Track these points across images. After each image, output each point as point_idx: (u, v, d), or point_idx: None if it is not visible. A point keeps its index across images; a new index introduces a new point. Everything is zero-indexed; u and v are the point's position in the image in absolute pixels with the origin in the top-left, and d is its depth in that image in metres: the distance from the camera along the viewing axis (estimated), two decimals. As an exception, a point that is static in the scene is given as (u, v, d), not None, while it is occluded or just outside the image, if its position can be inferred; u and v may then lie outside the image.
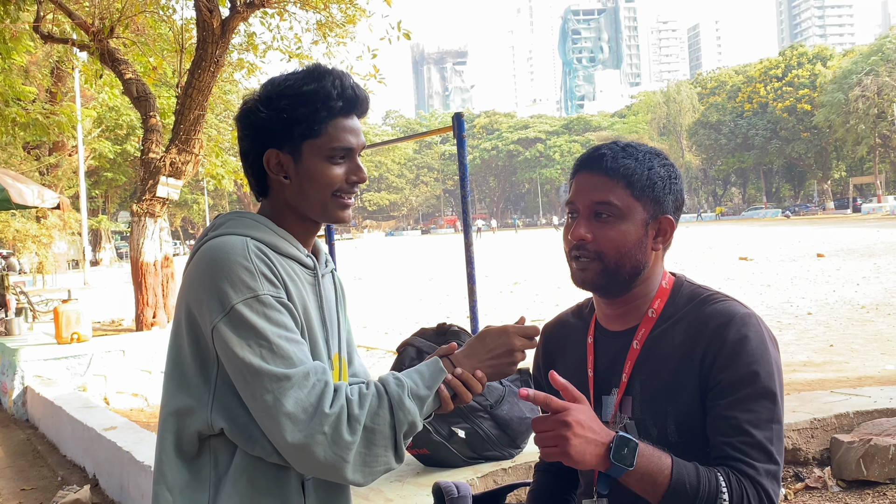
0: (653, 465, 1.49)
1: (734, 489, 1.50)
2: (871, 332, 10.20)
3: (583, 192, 1.67)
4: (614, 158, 1.66)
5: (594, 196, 1.65)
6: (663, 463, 1.50)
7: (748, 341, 1.58)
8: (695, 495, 1.48)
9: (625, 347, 1.71)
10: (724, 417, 1.56)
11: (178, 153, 10.58)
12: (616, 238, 1.64)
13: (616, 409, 1.70)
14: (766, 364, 1.58)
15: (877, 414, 4.43)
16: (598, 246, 1.65)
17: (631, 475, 1.48)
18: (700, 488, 1.49)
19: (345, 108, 1.60)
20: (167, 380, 1.57)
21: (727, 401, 1.56)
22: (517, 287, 20.31)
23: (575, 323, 1.90)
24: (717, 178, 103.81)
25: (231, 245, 1.50)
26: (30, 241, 24.97)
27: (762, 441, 1.54)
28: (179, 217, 73.43)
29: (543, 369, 1.95)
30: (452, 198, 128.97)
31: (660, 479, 1.49)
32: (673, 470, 1.50)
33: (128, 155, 41.18)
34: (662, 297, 1.73)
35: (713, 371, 1.59)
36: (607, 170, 1.65)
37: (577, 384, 1.78)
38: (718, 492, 1.49)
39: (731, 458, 1.53)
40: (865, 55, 74.18)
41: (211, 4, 9.85)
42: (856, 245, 28.85)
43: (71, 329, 9.02)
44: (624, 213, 1.64)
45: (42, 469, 6.59)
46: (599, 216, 1.65)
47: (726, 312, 1.63)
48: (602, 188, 1.65)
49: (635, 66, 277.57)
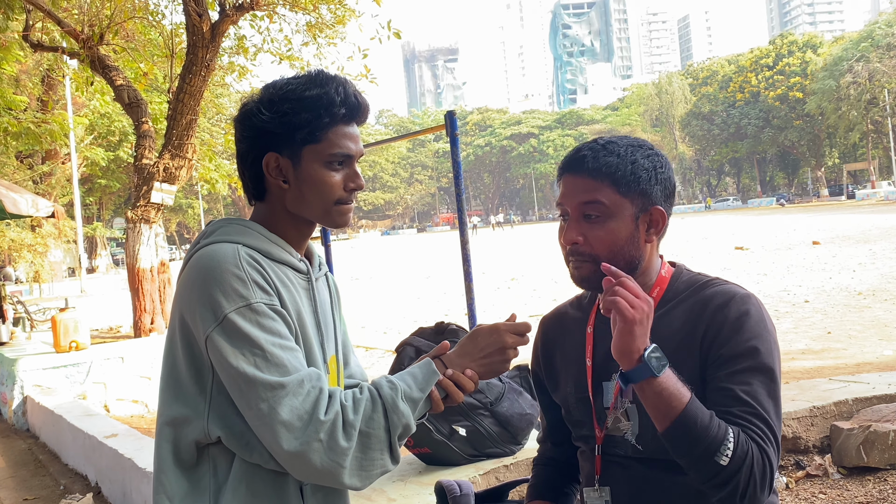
0: (673, 387, 1.51)
1: (740, 444, 1.51)
2: (868, 319, 10.23)
3: (570, 195, 1.69)
4: (595, 158, 1.67)
5: (581, 197, 1.67)
6: (683, 392, 1.52)
7: (748, 318, 1.62)
8: (702, 434, 1.50)
9: None
10: (724, 389, 1.58)
11: (172, 158, 10.56)
12: (606, 237, 1.66)
13: (616, 395, 1.71)
14: (766, 341, 1.61)
15: (876, 400, 4.44)
16: (590, 247, 1.66)
17: (650, 385, 1.50)
18: (709, 430, 1.50)
19: (347, 115, 1.60)
20: (163, 389, 1.57)
21: (726, 372, 1.58)
22: (514, 283, 20.33)
23: (574, 314, 1.91)
24: (711, 168, 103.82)
25: (222, 253, 1.50)
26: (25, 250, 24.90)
27: (763, 413, 1.56)
28: (174, 222, 73.33)
29: (542, 361, 1.96)
30: (447, 195, 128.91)
31: (674, 402, 1.50)
32: (690, 401, 1.51)
33: (121, 161, 41.13)
34: (662, 285, 1.75)
35: (714, 347, 1.61)
36: (590, 170, 1.66)
37: (576, 374, 1.80)
38: (725, 440, 1.50)
39: (733, 424, 1.54)
40: (855, 41, 74.17)
41: (200, 9, 9.84)
42: (851, 231, 28.90)
43: (69, 337, 9.01)
44: (612, 210, 1.66)
45: (44, 478, 6.58)
46: (588, 217, 1.66)
47: (726, 293, 1.66)
48: (587, 189, 1.66)
49: (626, 59, 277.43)
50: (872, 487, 3.89)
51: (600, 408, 1.74)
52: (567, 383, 1.84)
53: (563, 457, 2.00)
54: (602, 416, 1.74)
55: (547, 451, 2.06)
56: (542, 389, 1.99)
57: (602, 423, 1.74)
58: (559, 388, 1.88)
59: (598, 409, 1.75)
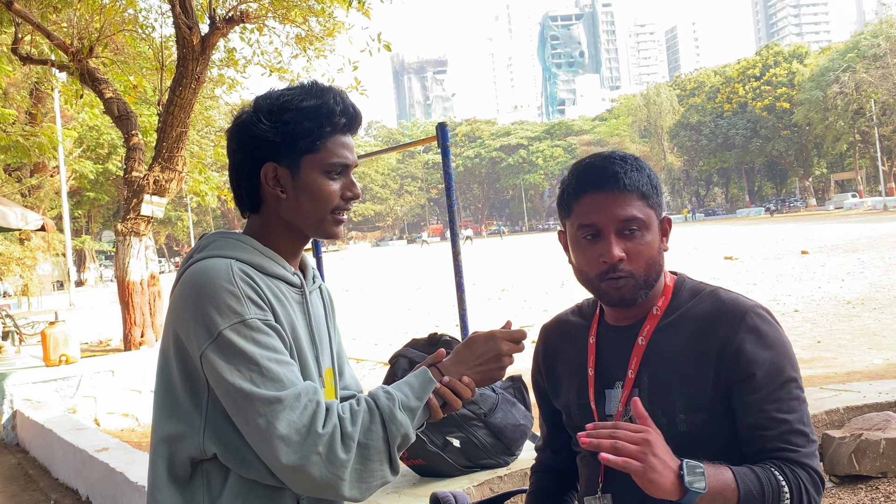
0: (720, 482, 1.48)
1: (791, 480, 1.52)
2: (857, 327, 10.27)
3: (603, 211, 1.64)
4: (626, 174, 1.65)
5: (618, 214, 1.64)
6: (727, 477, 1.49)
7: (766, 335, 1.62)
8: (762, 499, 1.49)
9: (629, 343, 1.72)
10: (757, 412, 1.58)
11: (162, 171, 10.55)
12: (646, 251, 1.66)
13: (623, 405, 1.70)
14: (786, 352, 1.63)
15: (866, 408, 4.46)
16: (630, 263, 1.65)
17: (703, 499, 1.46)
18: (765, 490, 1.50)
19: (346, 125, 1.61)
20: (157, 406, 1.56)
21: (757, 396, 1.59)
22: (505, 293, 20.33)
23: (576, 321, 1.91)
24: (700, 178, 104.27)
25: (216, 269, 1.49)
26: (14, 263, 24.76)
27: (798, 426, 1.57)
28: (164, 235, 73.00)
29: (544, 369, 1.95)
30: (437, 206, 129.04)
31: (729, 493, 1.48)
32: (738, 481, 1.49)
33: (110, 174, 40.94)
34: (666, 295, 1.75)
35: (736, 367, 1.60)
36: (624, 186, 1.64)
37: (577, 382, 1.80)
38: (780, 488, 1.50)
39: (774, 449, 1.56)
40: (842, 52, 74.67)
41: (190, 21, 9.84)
42: (839, 241, 29.04)
43: (59, 351, 8.97)
44: (647, 223, 1.66)
45: (34, 493, 6.54)
46: (627, 233, 1.65)
47: (737, 305, 1.66)
48: (623, 204, 1.64)
49: (614, 70, 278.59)
50: (864, 496, 3.90)
51: (602, 416, 1.74)
52: (569, 390, 1.83)
53: (562, 465, 2.00)
54: None
55: (546, 459, 2.06)
56: (543, 397, 1.98)
57: None
58: (560, 394, 1.88)
59: (600, 417, 1.74)
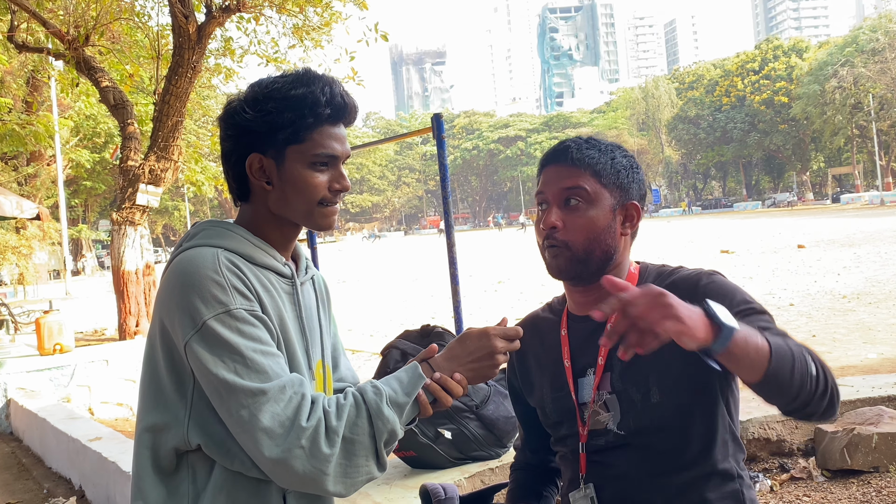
0: (745, 328, 1.37)
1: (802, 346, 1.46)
2: (852, 322, 10.28)
3: (552, 182, 1.73)
4: (579, 149, 1.72)
5: (563, 183, 1.70)
6: (749, 327, 1.39)
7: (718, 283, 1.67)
8: (792, 353, 1.40)
9: (597, 330, 1.70)
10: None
11: (157, 160, 10.53)
12: (585, 224, 1.68)
13: (595, 391, 1.72)
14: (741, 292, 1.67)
15: (859, 403, 4.46)
16: (567, 234, 1.69)
17: (737, 340, 1.33)
18: (789, 344, 1.42)
19: (332, 116, 1.57)
20: (143, 395, 1.54)
21: None
22: (501, 286, 20.34)
23: (548, 317, 1.93)
24: (697, 171, 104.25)
25: (202, 258, 1.47)
26: (9, 252, 24.72)
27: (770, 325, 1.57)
28: (160, 224, 73.02)
29: (517, 367, 1.97)
30: (435, 198, 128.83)
31: (759, 339, 1.37)
32: (763, 331, 1.42)
33: (106, 163, 40.87)
34: (633, 282, 1.76)
35: None
36: (574, 160, 1.71)
37: (554, 375, 1.81)
38: (801, 346, 1.45)
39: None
40: (840, 46, 74.62)
41: (186, 10, 9.80)
42: (836, 235, 29.06)
43: (53, 340, 8.96)
44: (593, 198, 1.69)
45: (27, 482, 6.54)
46: (569, 203, 1.69)
47: (693, 273, 1.72)
48: (570, 176, 1.70)
49: (613, 63, 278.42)
50: (856, 490, 3.91)
51: (581, 405, 1.76)
52: (542, 385, 1.85)
53: (540, 462, 2.03)
54: (583, 412, 1.75)
55: (524, 458, 2.08)
56: (517, 396, 2.00)
57: (584, 419, 1.75)
58: (534, 391, 1.90)
59: (579, 407, 1.76)
